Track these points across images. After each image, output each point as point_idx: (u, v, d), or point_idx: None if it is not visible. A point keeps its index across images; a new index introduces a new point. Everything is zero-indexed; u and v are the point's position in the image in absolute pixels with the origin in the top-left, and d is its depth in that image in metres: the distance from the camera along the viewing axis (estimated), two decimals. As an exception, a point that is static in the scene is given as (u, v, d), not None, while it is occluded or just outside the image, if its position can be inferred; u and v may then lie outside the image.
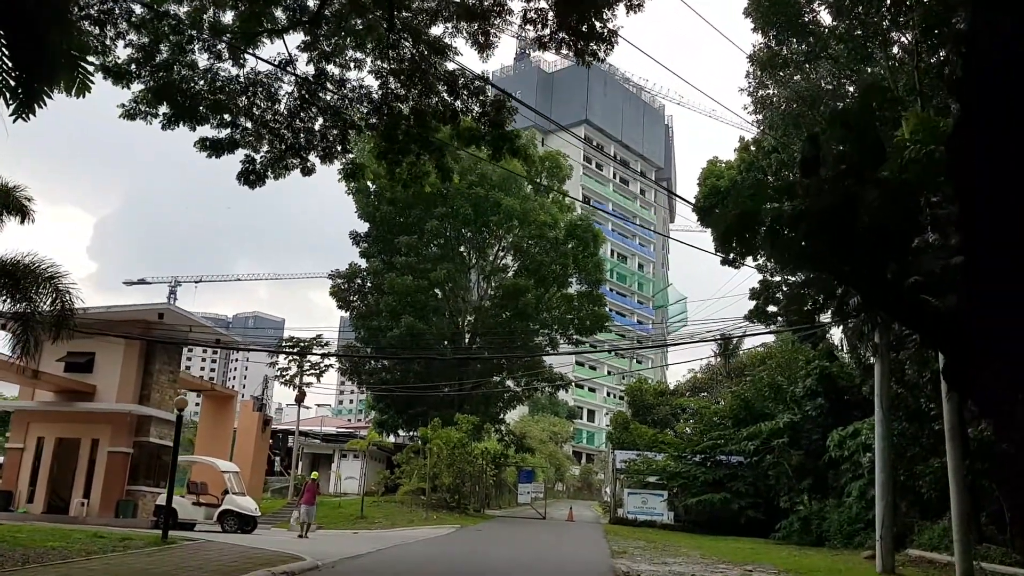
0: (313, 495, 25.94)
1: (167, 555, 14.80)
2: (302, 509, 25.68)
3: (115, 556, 13.96)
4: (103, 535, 16.65)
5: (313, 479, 27.57)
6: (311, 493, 25.87)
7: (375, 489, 41.46)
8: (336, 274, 46.24)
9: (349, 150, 18.46)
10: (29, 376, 26.15)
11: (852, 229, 8.05)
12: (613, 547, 24.16)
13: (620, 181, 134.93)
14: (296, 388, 41.22)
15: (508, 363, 47.11)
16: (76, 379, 28.79)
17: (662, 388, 60.85)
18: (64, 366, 28.92)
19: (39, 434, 29.23)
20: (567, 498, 75.00)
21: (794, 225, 8.85)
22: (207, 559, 14.59)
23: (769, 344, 48.06)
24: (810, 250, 8.84)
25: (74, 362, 28.98)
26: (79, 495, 28.07)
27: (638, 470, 40.46)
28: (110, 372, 28.65)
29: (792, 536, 30.85)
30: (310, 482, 27.15)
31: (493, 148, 17.58)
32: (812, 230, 8.46)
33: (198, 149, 17.52)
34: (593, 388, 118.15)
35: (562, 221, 45.43)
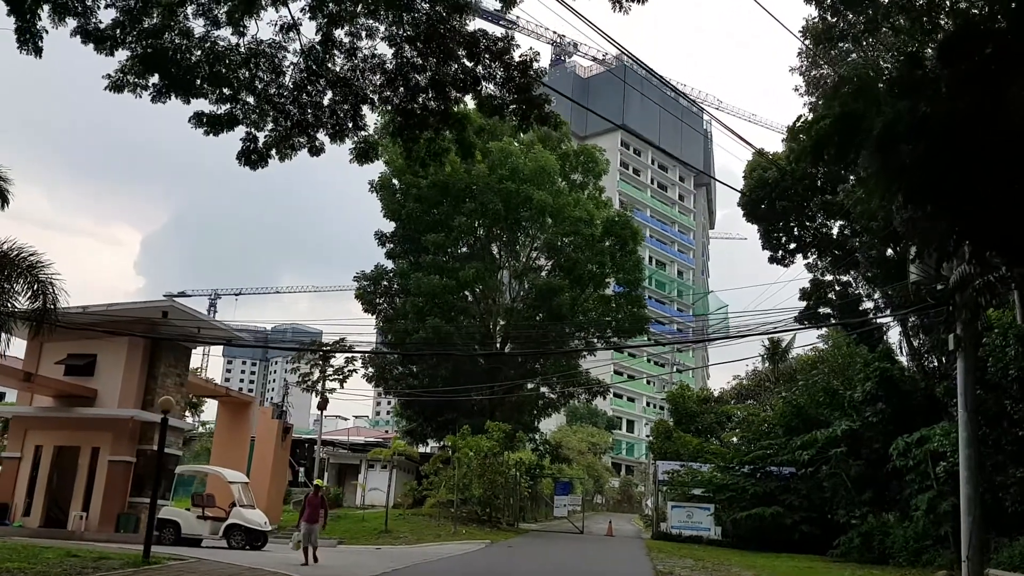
0: (316, 510, 20.77)
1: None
2: (302, 528, 20.67)
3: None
4: (77, 553, 14.88)
5: (317, 488, 22.35)
6: (314, 508, 20.72)
7: (402, 501, 39.57)
8: (362, 276, 44.56)
9: (362, 127, 16.40)
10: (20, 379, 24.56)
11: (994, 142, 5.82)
12: (657, 566, 22.06)
13: (658, 187, 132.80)
14: (319, 394, 39.40)
15: (542, 367, 44.96)
16: (76, 383, 27.36)
17: (706, 395, 58.28)
18: (64, 369, 27.34)
19: (37, 442, 27.83)
20: (606, 511, 73.15)
21: (917, 134, 6.59)
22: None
23: (820, 348, 45.72)
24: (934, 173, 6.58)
25: (74, 365, 27.57)
26: (78, 507, 26.50)
27: (682, 482, 38.33)
28: (112, 375, 27.14)
29: (852, 553, 28.70)
30: (311, 494, 21.87)
31: (520, 117, 15.67)
32: (940, 143, 6.22)
33: (193, 125, 15.94)
34: (632, 398, 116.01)
35: (598, 218, 43.28)
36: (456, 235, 43.14)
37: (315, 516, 20.41)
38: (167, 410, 17.49)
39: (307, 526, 20.24)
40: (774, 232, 40.35)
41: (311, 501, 20.97)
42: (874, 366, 31.17)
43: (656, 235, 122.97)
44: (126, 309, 25.93)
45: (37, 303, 17.63)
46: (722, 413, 51.28)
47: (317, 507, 20.68)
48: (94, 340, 27.08)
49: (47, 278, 17.67)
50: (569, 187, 44.81)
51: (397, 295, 44.09)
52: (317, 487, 22.29)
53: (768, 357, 53.72)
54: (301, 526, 20.70)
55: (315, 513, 20.45)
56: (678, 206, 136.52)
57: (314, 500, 21.02)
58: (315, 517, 20.39)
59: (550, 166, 41.79)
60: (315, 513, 20.45)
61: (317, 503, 20.86)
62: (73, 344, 27.49)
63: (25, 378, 25.54)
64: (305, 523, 20.35)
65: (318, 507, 20.75)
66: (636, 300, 45.67)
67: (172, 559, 16.10)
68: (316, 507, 20.64)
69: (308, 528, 20.18)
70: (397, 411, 55.64)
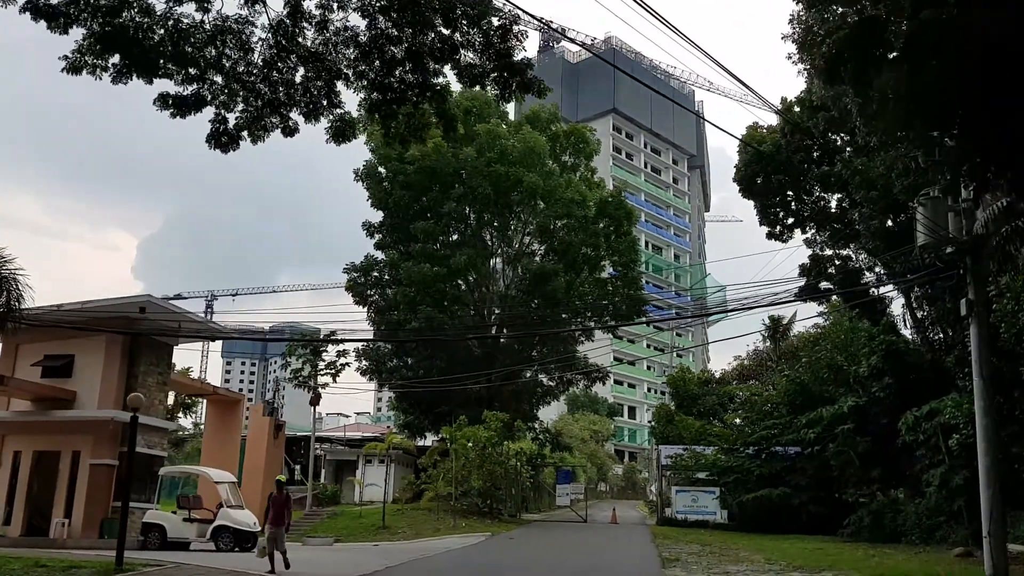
0: (282, 511, 18.27)
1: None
2: (267, 532, 18.10)
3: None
4: (45, 563, 14.07)
5: (280, 485, 19.34)
6: (279, 509, 18.17)
7: (401, 496, 38.78)
8: (351, 267, 43.59)
9: (337, 104, 15.50)
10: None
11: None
12: (663, 553, 21.31)
13: (652, 170, 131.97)
14: (311, 390, 38.51)
15: (539, 354, 44.10)
16: (54, 385, 26.49)
17: (707, 377, 57.53)
18: (41, 371, 26.44)
19: (15, 448, 27.07)
20: (610, 499, 72.59)
21: (946, 45, 5.71)
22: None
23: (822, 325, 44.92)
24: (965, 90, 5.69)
25: (51, 366, 26.71)
26: (60, 514, 25.68)
27: (686, 466, 37.65)
28: (90, 376, 26.32)
29: (862, 532, 28.10)
30: (275, 492, 19.04)
31: (501, 85, 14.87)
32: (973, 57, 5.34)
33: (158, 107, 15.05)
34: (633, 384, 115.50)
35: (591, 199, 42.37)
36: (446, 222, 42.27)
37: (281, 518, 18.17)
38: (136, 407, 16.65)
39: (272, 530, 17.94)
40: (771, 207, 39.61)
41: (276, 501, 18.50)
42: (879, 340, 30.52)
43: (651, 219, 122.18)
44: (102, 306, 25.00)
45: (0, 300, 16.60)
46: (724, 394, 50.61)
47: (283, 508, 18.38)
48: (71, 340, 26.26)
49: (10, 273, 16.78)
50: (560, 169, 43.93)
51: (388, 286, 43.18)
52: (280, 484, 19.37)
53: (769, 336, 52.90)
54: (266, 530, 18.28)
55: (281, 514, 18.17)
56: (672, 189, 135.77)
57: (279, 499, 18.60)
58: (281, 519, 18.17)
59: (540, 147, 40.88)
60: (281, 514, 18.17)
61: (282, 503, 18.54)
62: (50, 345, 26.71)
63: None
64: (270, 526, 18.00)
65: (283, 508, 18.43)
66: (632, 282, 44.79)
67: (149, 565, 15.32)
68: (281, 508, 18.32)
69: (274, 532, 17.91)
70: (393, 405, 54.78)
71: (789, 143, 37.07)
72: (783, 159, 37.38)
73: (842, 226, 38.24)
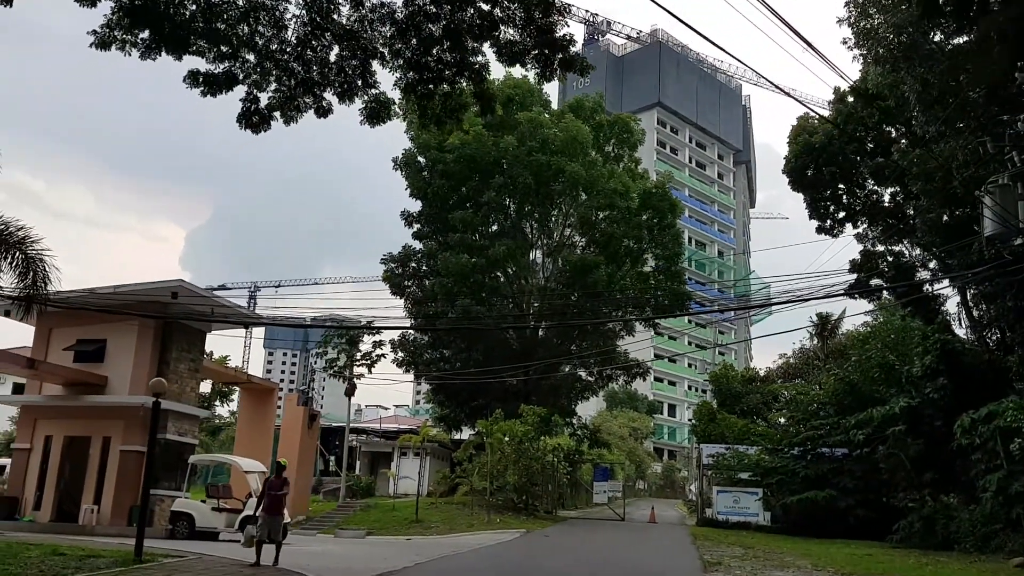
0: (280, 498, 16.83)
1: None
2: (259, 520, 16.56)
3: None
4: (64, 551, 13.68)
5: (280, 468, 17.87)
6: (275, 496, 16.70)
7: (435, 489, 38.36)
8: (389, 258, 43.12)
9: (372, 84, 15.00)
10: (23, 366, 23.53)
11: None
12: (705, 556, 20.55)
13: (696, 165, 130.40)
14: (346, 380, 38.17)
15: (578, 348, 43.34)
16: (85, 369, 26.36)
17: (751, 374, 56.33)
18: (73, 355, 26.27)
19: (47, 432, 26.96)
20: (648, 497, 71.87)
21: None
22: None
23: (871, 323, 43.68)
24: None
25: (83, 351, 26.54)
26: (89, 500, 25.48)
27: (728, 466, 36.75)
28: (122, 361, 26.16)
29: (913, 539, 27.06)
30: (273, 477, 17.54)
31: (542, 63, 14.30)
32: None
33: (188, 85, 14.77)
34: (673, 382, 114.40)
35: (635, 190, 41.46)
36: (485, 212, 41.66)
37: (278, 506, 16.68)
38: (159, 392, 16.25)
39: (266, 518, 16.36)
40: (821, 200, 38.54)
41: (272, 486, 16.93)
42: (933, 339, 29.43)
43: (695, 215, 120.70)
44: (134, 291, 24.76)
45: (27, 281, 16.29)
46: (768, 393, 49.53)
47: (280, 494, 16.85)
48: (104, 325, 26.17)
49: (36, 254, 16.44)
50: (603, 159, 43.06)
51: (426, 277, 42.69)
52: (280, 467, 17.87)
53: (816, 334, 51.67)
54: (259, 518, 16.68)
55: (278, 502, 16.70)
56: (717, 184, 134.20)
57: (276, 485, 16.95)
58: (278, 507, 16.66)
59: (582, 137, 40.06)
60: (278, 502, 16.70)
61: (280, 489, 16.94)
62: (82, 329, 26.62)
63: (28, 365, 24.53)
64: (264, 514, 16.45)
65: (281, 494, 16.92)
66: (676, 276, 43.82)
67: (170, 556, 14.92)
68: (278, 494, 16.81)
69: (268, 520, 16.31)
70: (428, 397, 54.38)
71: (842, 134, 35.99)
72: (835, 150, 36.32)
73: (895, 220, 37.07)
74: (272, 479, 17.30)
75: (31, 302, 16.39)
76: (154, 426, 15.62)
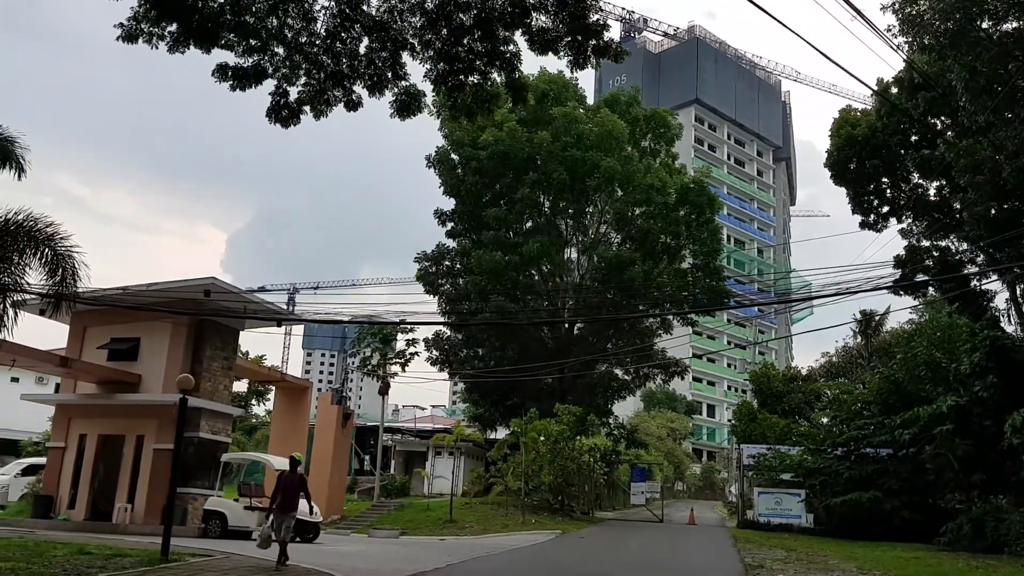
0: (294, 496, 15.81)
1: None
2: (272, 519, 15.63)
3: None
4: (91, 550, 13.58)
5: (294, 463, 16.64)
6: (290, 492, 15.72)
7: (469, 489, 38.07)
8: (423, 256, 42.93)
9: (402, 76, 14.80)
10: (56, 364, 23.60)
11: None
12: (746, 559, 20.05)
13: (735, 162, 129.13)
14: (379, 380, 38.01)
15: (614, 346, 42.82)
16: (119, 368, 26.47)
17: (792, 373, 55.35)
18: (107, 354, 26.34)
19: (81, 431, 27.06)
20: (687, 498, 71.08)
21: None
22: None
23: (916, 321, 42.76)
24: None
25: (117, 349, 26.60)
26: (123, 499, 25.53)
27: (770, 466, 36.15)
28: (156, 359, 26.21)
29: (961, 541, 26.33)
30: (287, 472, 16.40)
31: (575, 51, 14.03)
32: None
33: (217, 79, 14.66)
34: (712, 382, 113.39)
35: (672, 186, 40.83)
36: (519, 209, 41.22)
37: (291, 503, 15.60)
38: (185, 388, 16.12)
39: (280, 516, 15.44)
40: (864, 195, 37.81)
41: (287, 483, 15.83)
42: (983, 335, 28.65)
43: (734, 213, 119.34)
44: (166, 289, 24.78)
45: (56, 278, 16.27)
46: (810, 392, 48.62)
47: (295, 491, 15.75)
48: (137, 324, 26.23)
49: (66, 251, 16.41)
50: (639, 154, 42.48)
51: (460, 275, 42.41)
52: (294, 461, 16.58)
53: (860, 332, 50.67)
54: (272, 516, 15.68)
55: (292, 499, 15.60)
56: (756, 182, 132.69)
57: (291, 481, 15.84)
58: (291, 504, 15.59)
59: (618, 131, 39.54)
60: (292, 499, 15.60)
61: (295, 486, 15.83)
62: (117, 328, 26.70)
63: (61, 363, 24.63)
64: (278, 512, 15.49)
65: (296, 491, 15.78)
66: (714, 272, 43.11)
67: (197, 555, 14.75)
68: (294, 491, 15.72)
69: (281, 519, 15.40)
70: (463, 396, 54.16)
71: (886, 126, 35.26)
72: (879, 143, 35.56)
73: (941, 215, 36.20)
74: (285, 474, 16.22)
75: (60, 299, 16.34)
76: (180, 423, 15.46)
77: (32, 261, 16.11)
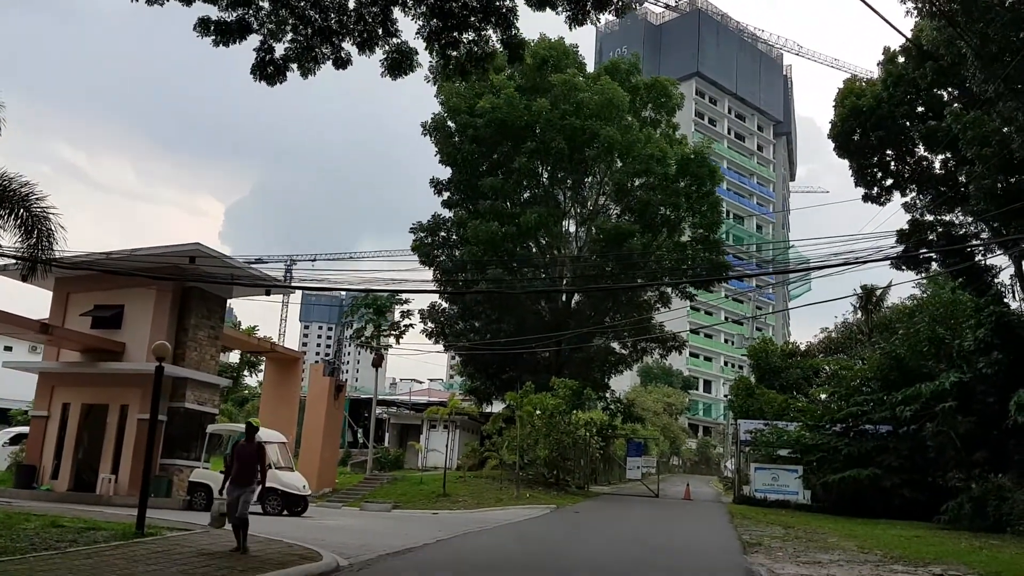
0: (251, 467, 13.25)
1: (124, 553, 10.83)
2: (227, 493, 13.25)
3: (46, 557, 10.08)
4: (64, 523, 13.06)
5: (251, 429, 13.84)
6: (245, 462, 13.21)
7: (463, 463, 37.69)
8: (418, 227, 42.13)
9: (393, 32, 14.17)
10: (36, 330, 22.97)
11: None
12: (744, 536, 19.64)
13: (735, 136, 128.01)
14: (373, 351, 37.44)
15: (612, 319, 42.24)
16: (102, 335, 25.85)
17: (791, 348, 54.91)
18: (91, 321, 25.68)
19: (64, 400, 26.47)
20: (683, 473, 70.96)
21: None
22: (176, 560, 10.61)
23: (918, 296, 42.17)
24: None
25: (101, 316, 25.96)
26: (107, 470, 25.01)
27: (767, 442, 35.86)
28: (140, 327, 25.57)
29: (962, 520, 25.89)
30: (242, 440, 13.97)
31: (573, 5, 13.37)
32: None
33: (199, 34, 13.90)
34: (709, 357, 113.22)
35: (672, 156, 39.97)
36: (516, 178, 40.47)
37: (247, 476, 13.15)
38: (162, 356, 15.49)
39: (235, 490, 13.04)
40: (868, 167, 37.15)
41: (241, 453, 13.36)
42: (988, 311, 28.13)
43: (733, 187, 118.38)
44: (150, 254, 24.07)
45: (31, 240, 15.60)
46: (809, 367, 48.23)
47: (252, 462, 13.22)
48: (122, 291, 25.62)
49: (41, 212, 15.72)
50: (640, 124, 41.62)
51: (456, 246, 41.66)
52: (252, 429, 13.81)
53: (860, 307, 50.10)
54: (226, 490, 13.31)
55: (247, 472, 13.15)
56: (756, 156, 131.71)
57: (246, 451, 13.32)
58: (247, 477, 13.14)
59: (618, 99, 38.67)
60: (247, 472, 13.15)
61: (252, 456, 13.26)
62: (101, 295, 26.09)
63: (42, 330, 23.96)
64: (232, 486, 13.11)
65: (253, 462, 13.24)
66: (714, 245, 42.44)
67: (175, 529, 14.25)
68: (250, 462, 13.21)
69: (237, 493, 13.00)
70: (459, 369, 53.61)
71: (892, 96, 34.50)
72: (884, 114, 34.81)
73: (947, 188, 35.52)
74: (241, 443, 13.71)
75: (35, 262, 15.67)
76: (156, 392, 14.85)
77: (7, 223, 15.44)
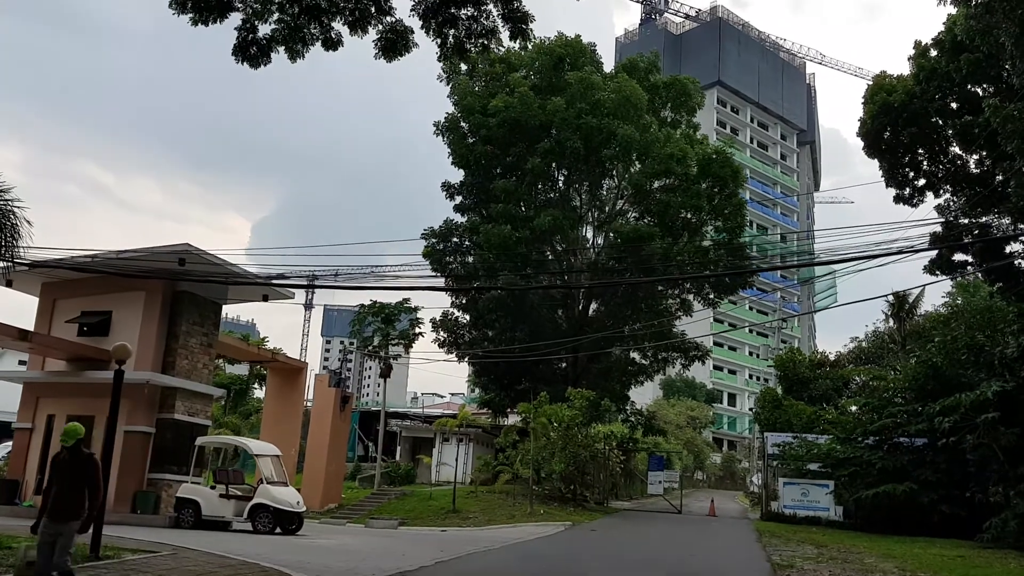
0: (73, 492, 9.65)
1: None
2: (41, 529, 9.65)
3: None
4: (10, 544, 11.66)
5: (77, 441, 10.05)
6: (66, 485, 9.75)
7: (476, 477, 36.31)
8: (430, 232, 40.84)
9: (387, 11, 13.00)
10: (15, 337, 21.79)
11: None
12: (773, 557, 18.16)
13: (758, 146, 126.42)
14: (381, 361, 36.12)
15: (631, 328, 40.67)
16: (88, 343, 24.75)
17: (819, 359, 53.11)
18: (77, 329, 24.52)
19: (49, 411, 25.47)
20: (707, 488, 69.20)
21: None
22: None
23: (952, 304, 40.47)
24: None
25: (87, 323, 24.86)
26: (92, 486, 23.50)
27: (796, 456, 34.37)
28: (128, 334, 24.34)
29: (1007, 538, 24.34)
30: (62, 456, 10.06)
31: (579, -28, 12.07)
32: None
33: (175, 11, 12.75)
34: (733, 370, 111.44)
35: (693, 156, 38.46)
36: (530, 180, 39.15)
37: (68, 505, 9.62)
38: (121, 359, 14.22)
39: (49, 526, 9.55)
40: (899, 167, 35.55)
41: (60, 471, 9.85)
42: (1032, 315, 26.31)
43: (756, 197, 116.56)
44: (138, 256, 22.88)
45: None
46: (839, 378, 46.48)
47: (74, 484, 9.71)
48: (110, 296, 24.62)
49: (6, 206, 14.54)
50: (659, 124, 40.17)
51: (468, 252, 40.31)
52: (74, 439, 10.02)
53: (892, 315, 48.33)
54: (41, 527, 9.64)
55: (67, 499, 9.64)
56: (780, 166, 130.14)
57: (66, 469, 9.84)
58: (67, 507, 9.62)
59: (637, 97, 37.28)
60: (67, 499, 9.64)
61: (77, 475, 9.77)
62: (87, 301, 25.07)
63: (20, 336, 22.74)
64: (47, 520, 9.58)
65: (77, 484, 9.71)
66: (738, 250, 40.80)
67: (141, 551, 12.90)
68: (72, 485, 9.71)
69: (52, 530, 9.53)
70: (472, 380, 52.15)
71: (924, 92, 32.94)
72: (916, 110, 33.23)
73: (982, 188, 33.86)
74: (60, 457, 10.05)
75: (1, 260, 14.47)
76: (116, 399, 13.65)
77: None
